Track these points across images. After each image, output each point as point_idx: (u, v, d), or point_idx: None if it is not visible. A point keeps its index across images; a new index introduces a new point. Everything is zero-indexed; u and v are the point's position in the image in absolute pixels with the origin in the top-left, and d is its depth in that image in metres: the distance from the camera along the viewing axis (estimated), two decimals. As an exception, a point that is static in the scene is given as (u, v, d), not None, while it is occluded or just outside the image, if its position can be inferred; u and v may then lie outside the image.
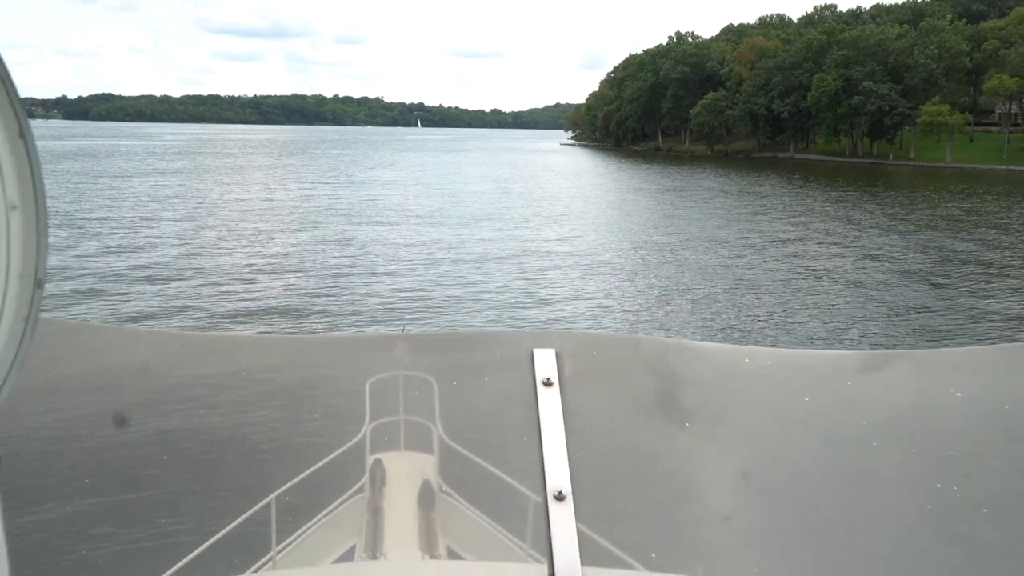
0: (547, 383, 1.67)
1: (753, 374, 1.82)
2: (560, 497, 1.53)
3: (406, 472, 1.71)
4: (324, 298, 21.88)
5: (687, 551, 1.59)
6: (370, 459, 1.66)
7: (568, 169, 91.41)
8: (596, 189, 62.31)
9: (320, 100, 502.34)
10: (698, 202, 49.59)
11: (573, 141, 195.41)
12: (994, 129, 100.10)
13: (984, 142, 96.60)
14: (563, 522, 1.52)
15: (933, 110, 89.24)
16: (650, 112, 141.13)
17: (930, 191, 57.70)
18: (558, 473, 1.55)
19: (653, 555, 1.54)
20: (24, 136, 0.92)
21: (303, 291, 22.65)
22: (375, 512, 1.65)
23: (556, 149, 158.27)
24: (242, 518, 1.55)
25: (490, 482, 1.62)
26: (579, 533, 1.50)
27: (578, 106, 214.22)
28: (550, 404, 1.64)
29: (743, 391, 1.78)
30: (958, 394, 1.73)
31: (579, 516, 1.52)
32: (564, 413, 1.63)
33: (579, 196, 54.59)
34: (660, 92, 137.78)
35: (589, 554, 1.48)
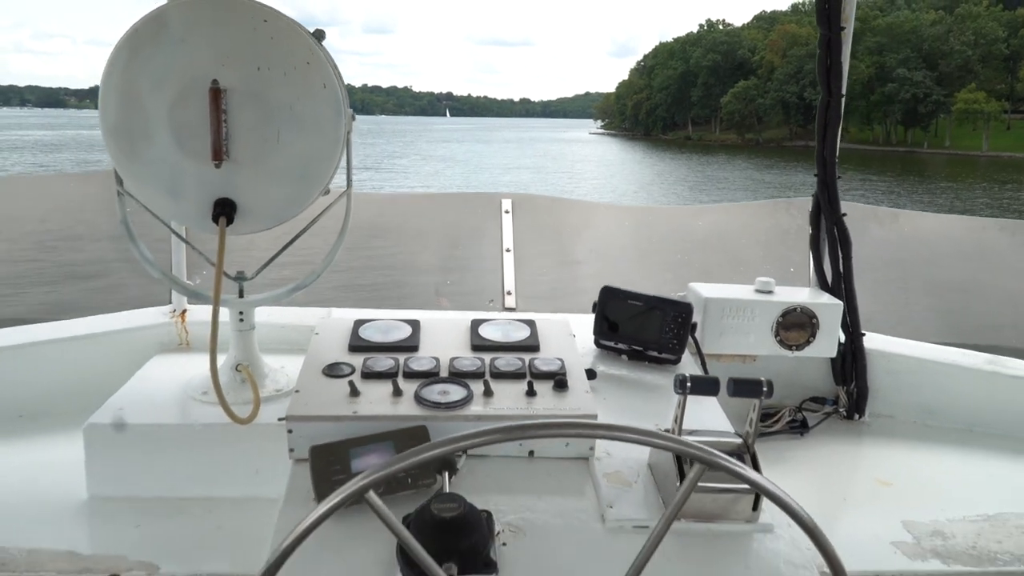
0: (507, 212, 3.40)
1: (619, 218, 4.39)
2: (508, 250, 3.26)
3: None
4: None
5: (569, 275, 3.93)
6: None
7: (602, 160, 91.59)
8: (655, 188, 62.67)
9: (349, 90, 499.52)
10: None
11: (602, 130, 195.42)
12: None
13: (1021, 130, 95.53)
14: (507, 269, 3.23)
15: (969, 97, 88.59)
16: (680, 101, 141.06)
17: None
18: (507, 236, 3.29)
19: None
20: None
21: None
22: None
23: (586, 139, 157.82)
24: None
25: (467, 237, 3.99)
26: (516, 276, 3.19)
27: (607, 95, 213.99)
28: (507, 221, 3.36)
29: (607, 225, 4.18)
30: (699, 223, 4.27)
31: (516, 263, 3.21)
32: (514, 225, 3.34)
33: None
34: (690, 81, 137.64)
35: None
